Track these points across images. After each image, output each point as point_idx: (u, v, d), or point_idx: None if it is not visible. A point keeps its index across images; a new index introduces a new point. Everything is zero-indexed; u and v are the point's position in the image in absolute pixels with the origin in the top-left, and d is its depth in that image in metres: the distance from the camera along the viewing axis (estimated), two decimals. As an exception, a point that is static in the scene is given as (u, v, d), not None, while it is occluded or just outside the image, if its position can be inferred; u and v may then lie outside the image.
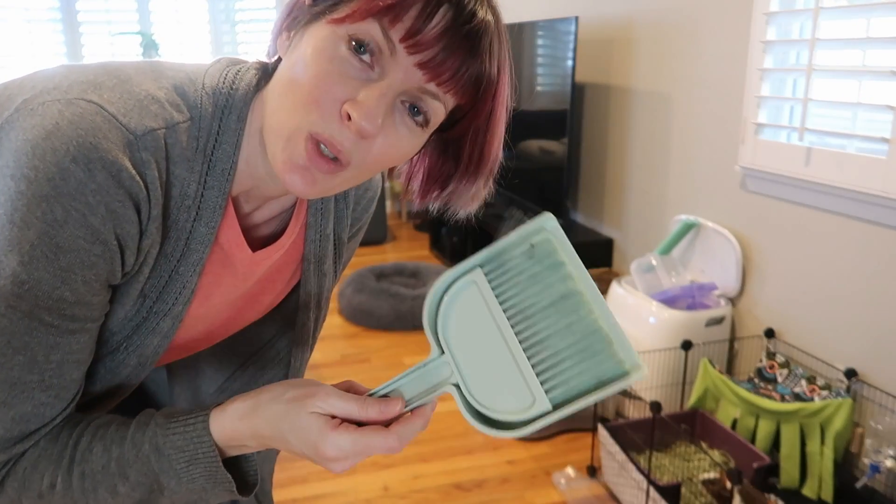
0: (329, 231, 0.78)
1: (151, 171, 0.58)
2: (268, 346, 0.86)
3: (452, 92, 0.59)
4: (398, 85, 0.57)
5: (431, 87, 0.58)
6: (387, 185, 4.99)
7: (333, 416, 0.58)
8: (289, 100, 0.58)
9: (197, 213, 0.63)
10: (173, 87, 0.62)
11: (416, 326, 3.09)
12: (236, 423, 0.60)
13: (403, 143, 0.61)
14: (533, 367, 0.57)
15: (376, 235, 4.41)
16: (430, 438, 2.32)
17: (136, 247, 0.59)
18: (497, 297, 0.59)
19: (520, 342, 0.57)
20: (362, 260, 3.95)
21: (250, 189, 0.67)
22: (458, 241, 3.86)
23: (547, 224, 0.60)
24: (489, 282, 0.59)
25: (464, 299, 0.59)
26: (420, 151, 0.69)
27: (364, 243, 4.37)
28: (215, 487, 0.61)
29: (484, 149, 0.66)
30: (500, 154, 0.68)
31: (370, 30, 0.55)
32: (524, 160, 3.29)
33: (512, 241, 0.59)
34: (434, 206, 0.72)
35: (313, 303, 0.81)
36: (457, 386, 0.60)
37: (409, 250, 4.35)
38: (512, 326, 0.58)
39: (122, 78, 0.60)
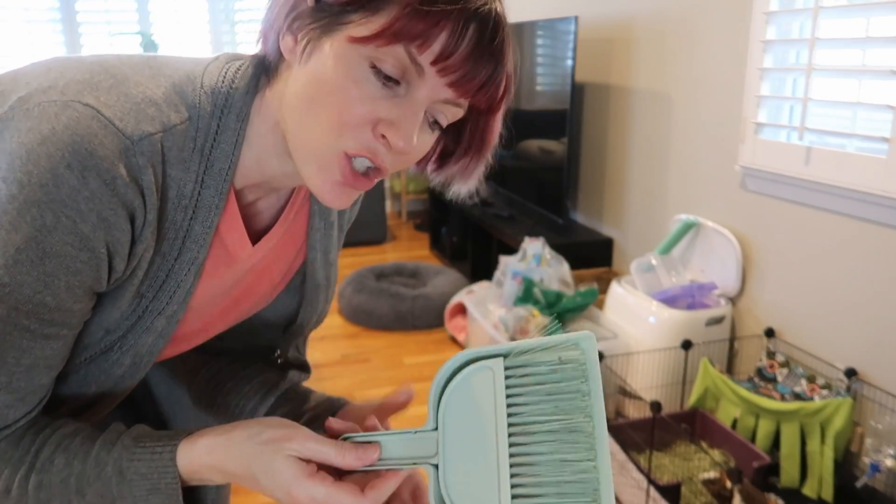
0: (333, 219, 0.78)
1: (147, 175, 0.57)
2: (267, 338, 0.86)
3: (479, 101, 0.60)
4: (425, 101, 0.58)
5: (459, 99, 0.59)
6: (386, 185, 4.99)
7: (309, 461, 0.57)
8: (313, 120, 0.58)
9: (193, 213, 0.62)
10: (172, 87, 0.61)
11: (416, 326, 3.09)
12: (204, 457, 0.59)
13: (423, 147, 0.62)
14: (512, 486, 0.55)
15: (376, 235, 4.41)
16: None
17: (128, 253, 0.58)
18: (508, 396, 0.56)
19: (510, 454, 0.55)
20: (362, 260, 3.95)
21: (260, 183, 0.67)
22: (457, 240, 3.87)
23: (583, 342, 0.56)
24: (506, 377, 0.56)
25: (475, 383, 0.57)
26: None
27: (364, 243, 4.38)
28: None
29: (486, 132, 0.66)
30: (500, 128, 0.69)
31: (397, 54, 0.55)
32: (524, 160, 3.29)
33: (542, 343, 0.56)
34: (432, 178, 0.71)
35: (322, 295, 0.81)
36: (435, 466, 0.57)
37: (409, 250, 4.35)
38: (509, 435, 0.55)
39: (119, 78, 0.59)
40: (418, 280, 3.50)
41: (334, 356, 2.89)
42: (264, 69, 0.64)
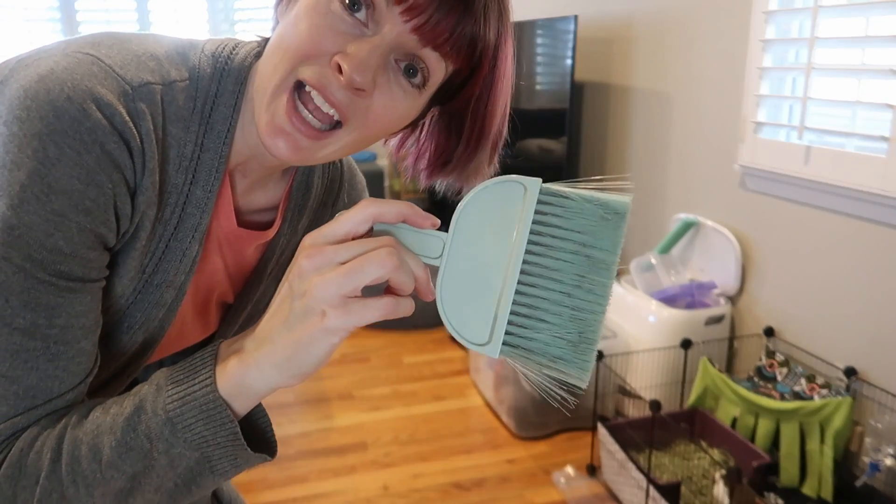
0: (301, 228, 0.76)
1: (147, 123, 0.56)
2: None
3: (448, 55, 0.58)
4: (391, 40, 0.56)
5: (427, 51, 0.57)
6: (386, 184, 4.99)
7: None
8: (278, 55, 0.57)
9: (194, 176, 0.61)
10: (173, 47, 0.62)
11: (416, 326, 3.09)
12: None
13: (398, 105, 0.59)
14: (513, 311, 0.51)
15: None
16: (429, 438, 2.32)
17: (131, 202, 0.56)
18: (534, 223, 0.51)
19: (520, 276, 0.51)
20: (362, 259, 3.95)
21: (247, 160, 0.66)
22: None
23: (626, 207, 0.52)
24: (539, 202, 0.52)
25: (502, 196, 0.52)
26: (427, 130, 0.68)
27: (363, 242, 4.37)
28: (216, 434, 0.53)
29: (485, 120, 0.64)
30: (504, 129, 0.67)
31: None
32: (523, 159, 3.29)
33: (589, 196, 0.52)
34: (441, 185, 0.70)
35: (264, 304, 0.77)
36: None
37: (409, 249, 4.34)
38: (527, 252, 0.51)
39: (122, 39, 0.60)
40: (418, 279, 3.50)
41: (334, 355, 2.89)
42: (266, 42, 0.64)
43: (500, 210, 0.52)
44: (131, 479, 0.53)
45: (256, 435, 0.58)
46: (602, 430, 1.99)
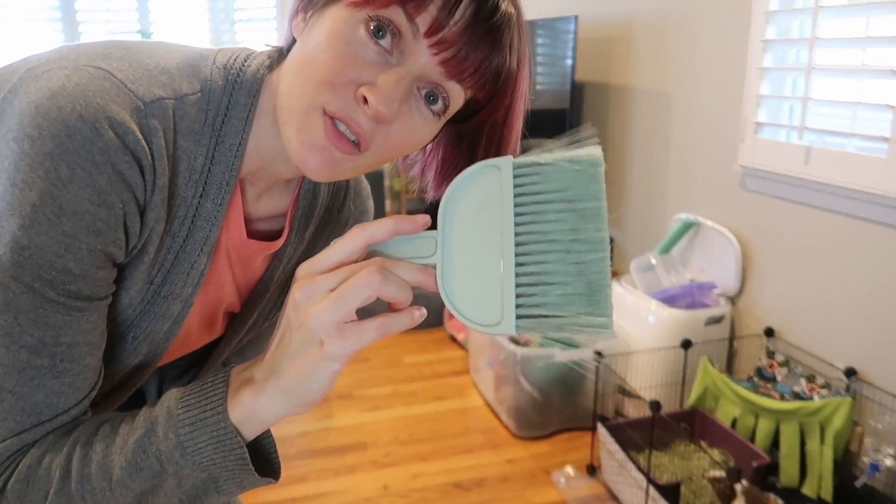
0: (307, 236, 0.76)
1: (158, 139, 0.56)
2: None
3: (472, 87, 0.58)
4: (417, 71, 0.56)
5: (451, 83, 0.57)
6: (386, 184, 4.99)
7: None
8: (302, 79, 0.57)
9: (204, 189, 0.61)
10: (185, 60, 0.61)
11: (416, 325, 3.07)
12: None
13: (418, 131, 0.59)
14: (518, 283, 0.52)
15: (376, 234, 4.41)
16: (429, 438, 2.32)
17: (141, 219, 0.56)
18: (517, 196, 0.53)
19: (516, 253, 0.52)
20: (362, 259, 3.95)
21: (257, 170, 0.65)
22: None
23: (598, 157, 0.54)
24: (516, 178, 0.53)
25: (480, 183, 0.54)
26: (434, 141, 0.68)
27: (364, 242, 4.37)
28: (224, 458, 0.54)
29: (501, 145, 0.65)
30: (518, 149, 0.67)
31: (392, 15, 0.54)
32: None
33: (559, 158, 0.53)
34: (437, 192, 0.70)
35: (260, 304, 0.77)
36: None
37: (409, 249, 4.34)
38: (517, 235, 0.52)
39: (133, 50, 0.59)
40: (418, 279, 3.49)
41: (334, 355, 2.89)
42: (279, 55, 0.64)
43: (481, 194, 0.54)
44: (139, 496, 0.55)
45: (262, 457, 0.60)
46: (602, 430, 1.99)
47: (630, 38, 2.74)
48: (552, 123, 2.93)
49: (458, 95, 0.59)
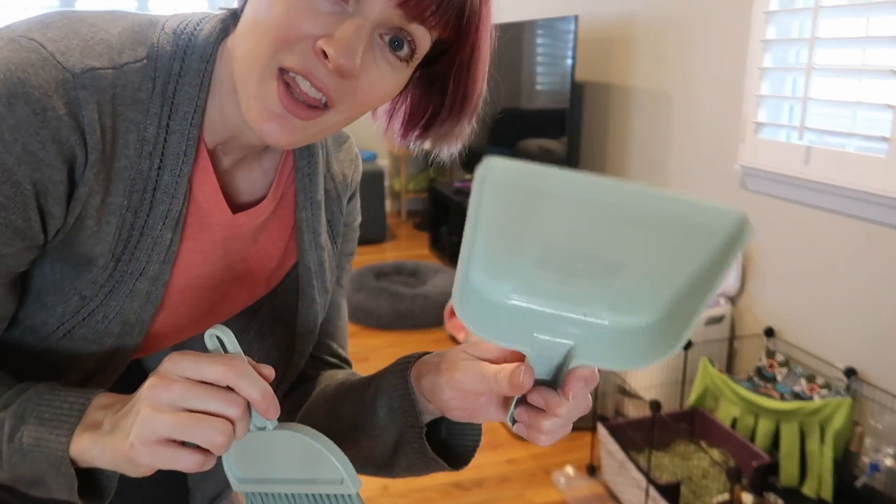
0: (319, 198, 0.73)
1: (90, 111, 0.54)
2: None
3: (435, 27, 0.56)
4: (375, 17, 0.53)
5: (413, 25, 0.55)
6: (386, 183, 4.99)
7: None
8: (255, 39, 0.54)
9: (161, 161, 0.59)
10: (129, 27, 0.59)
11: (416, 325, 3.09)
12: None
13: (387, 81, 0.57)
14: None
15: (376, 234, 4.41)
16: (429, 437, 2.32)
17: (65, 196, 0.55)
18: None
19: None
20: (362, 259, 3.95)
21: (227, 140, 0.63)
22: (457, 239, 3.86)
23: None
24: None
25: None
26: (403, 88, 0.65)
27: (363, 242, 4.37)
28: (56, 475, 0.55)
29: (468, 85, 0.62)
30: (484, 90, 0.65)
31: None
32: (524, 159, 3.29)
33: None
34: (416, 145, 0.68)
35: (317, 281, 0.75)
36: None
37: (409, 249, 4.35)
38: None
39: (74, 19, 0.57)
40: (418, 279, 3.50)
41: (334, 355, 2.89)
42: (233, 17, 0.61)
43: None
44: None
45: (95, 482, 0.59)
46: (602, 430, 1.99)
47: (630, 38, 2.75)
48: (552, 123, 2.94)
49: (423, 38, 0.56)
